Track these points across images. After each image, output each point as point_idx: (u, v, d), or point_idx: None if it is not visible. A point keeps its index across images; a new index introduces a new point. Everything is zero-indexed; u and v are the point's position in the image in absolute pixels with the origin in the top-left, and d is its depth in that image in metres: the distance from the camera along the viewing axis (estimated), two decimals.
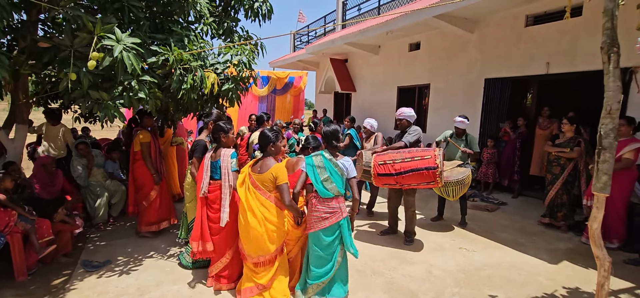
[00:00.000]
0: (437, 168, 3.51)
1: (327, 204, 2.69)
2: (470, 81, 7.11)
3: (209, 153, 3.03)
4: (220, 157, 2.94)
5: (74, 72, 2.45)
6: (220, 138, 3.00)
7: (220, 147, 3.01)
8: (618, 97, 1.45)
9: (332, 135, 2.85)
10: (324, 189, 2.69)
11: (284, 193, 2.56)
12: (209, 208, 3.00)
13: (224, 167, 2.89)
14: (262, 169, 2.63)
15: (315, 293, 2.73)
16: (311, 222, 2.71)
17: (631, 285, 3.25)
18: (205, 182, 2.94)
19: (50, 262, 3.39)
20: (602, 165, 1.46)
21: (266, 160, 2.67)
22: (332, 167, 2.73)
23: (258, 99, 11.65)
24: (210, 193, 2.97)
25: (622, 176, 3.89)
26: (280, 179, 2.57)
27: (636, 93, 4.65)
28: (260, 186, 2.61)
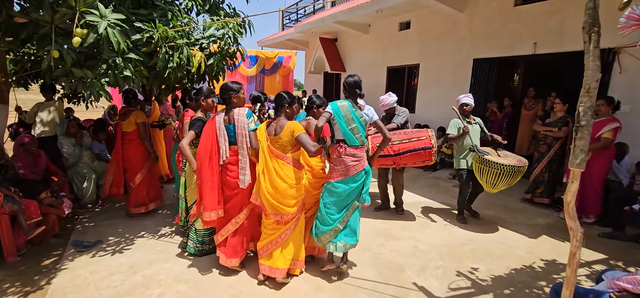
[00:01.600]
0: (433, 147, 3.86)
1: (354, 152, 2.75)
2: (459, 61, 7.16)
3: (221, 117, 2.77)
4: (234, 119, 2.73)
5: (56, 50, 2.37)
6: (231, 98, 2.75)
7: (232, 108, 2.78)
8: (596, 76, 1.50)
9: (355, 85, 2.86)
10: (353, 137, 2.75)
11: (305, 141, 2.55)
12: (226, 173, 2.82)
13: (239, 128, 2.71)
14: (278, 130, 2.64)
15: (331, 239, 2.79)
16: (338, 172, 2.74)
17: (604, 256, 3.45)
18: (224, 148, 2.74)
19: (40, 243, 3.37)
20: (579, 142, 1.52)
21: (280, 120, 2.68)
22: (357, 117, 2.78)
23: (247, 79, 11.50)
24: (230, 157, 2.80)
25: (600, 154, 4.05)
26: (297, 130, 2.58)
27: (618, 73, 4.80)
28: (275, 150, 2.63)
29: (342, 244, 2.78)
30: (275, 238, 2.74)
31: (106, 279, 2.85)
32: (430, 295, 2.74)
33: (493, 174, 3.60)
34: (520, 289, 2.85)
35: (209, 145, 2.75)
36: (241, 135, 2.73)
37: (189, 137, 2.90)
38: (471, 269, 3.14)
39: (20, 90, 4.50)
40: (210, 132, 2.77)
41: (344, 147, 2.76)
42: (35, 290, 2.71)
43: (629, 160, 4.47)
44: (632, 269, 3.15)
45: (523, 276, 3.06)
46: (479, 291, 2.81)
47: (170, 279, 2.88)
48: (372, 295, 2.71)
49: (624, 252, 3.53)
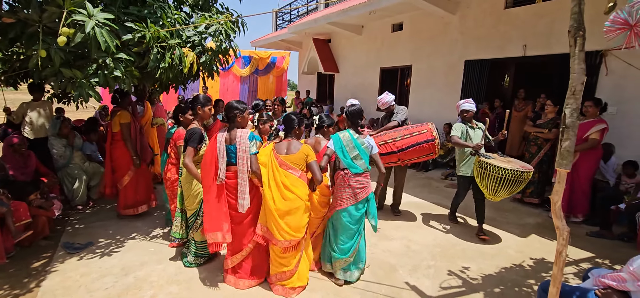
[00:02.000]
0: (435, 139, 3.90)
1: (358, 180, 2.82)
2: (451, 63, 7.24)
3: (222, 136, 2.70)
4: (236, 140, 2.67)
5: (44, 49, 2.34)
6: (235, 118, 2.70)
7: (234, 128, 2.71)
8: (582, 79, 1.54)
9: (357, 114, 2.97)
10: (355, 165, 2.82)
11: (316, 170, 2.61)
12: (229, 195, 2.73)
13: (241, 150, 2.65)
14: (291, 150, 2.67)
15: (341, 268, 2.85)
16: (343, 199, 2.80)
17: (591, 255, 3.52)
18: (222, 169, 2.64)
19: (29, 245, 3.32)
20: (565, 143, 1.56)
21: (292, 141, 2.72)
22: (359, 144, 2.86)
23: (240, 79, 11.46)
24: (228, 180, 2.70)
25: (588, 155, 4.14)
26: (310, 157, 2.64)
27: (605, 75, 4.90)
28: (290, 165, 2.62)
29: (351, 274, 2.87)
30: (290, 270, 2.68)
31: (97, 281, 2.83)
32: (422, 294, 2.77)
33: (494, 179, 3.31)
34: (510, 287, 2.90)
35: (213, 165, 2.67)
36: (242, 158, 2.65)
37: (190, 154, 2.84)
38: (462, 268, 3.18)
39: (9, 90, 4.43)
40: (213, 151, 2.69)
41: (349, 174, 2.83)
42: (25, 293, 2.67)
43: (615, 160, 4.57)
44: (618, 267, 3.22)
45: (513, 274, 3.11)
46: (470, 290, 2.85)
47: (163, 281, 2.86)
48: (365, 295, 2.73)
49: (610, 251, 3.60)
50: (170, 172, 3.32)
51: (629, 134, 4.71)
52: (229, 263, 2.83)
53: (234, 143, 2.67)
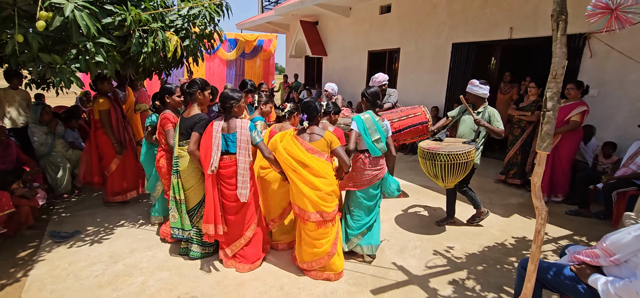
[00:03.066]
0: (428, 121, 4.00)
1: (377, 162, 2.89)
2: (438, 46, 7.26)
3: (219, 124, 2.65)
4: (236, 129, 2.64)
5: (21, 34, 2.24)
6: (232, 108, 2.66)
7: (231, 117, 2.69)
8: (563, 63, 1.58)
9: (376, 96, 2.98)
10: (376, 148, 2.86)
11: (343, 154, 2.64)
12: (223, 185, 2.72)
13: (242, 140, 2.62)
14: (314, 137, 2.65)
15: (358, 242, 2.95)
16: (362, 181, 2.87)
17: (570, 232, 3.69)
18: (216, 158, 2.60)
19: (14, 235, 3.26)
20: (546, 126, 1.61)
21: (314, 128, 2.69)
22: (380, 127, 2.90)
23: (226, 63, 11.23)
24: (223, 169, 2.66)
25: (569, 137, 4.27)
26: (335, 143, 2.65)
27: (588, 58, 5.01)
28: (317, 150, 2.62)
29: (369, 247, 2.97)
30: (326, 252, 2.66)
31: (86, 269, 2.82)
32: (408, 273, 2.87)
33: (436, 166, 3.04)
34: (492, 265, 3.02)
35: (206, 153, 2.64)
36: (243, 148, 2.63)
37: (195, 140, 2.71)
38: (447, 248, 3.29)
39: None
40: (208, 140, 2.65)
41: (369, 157, 2.88)
42: (12, 283, 2.65)
43: (595, 141, 4.74)
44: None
45: (495, 253, 3.23)
46: (454, 268, 2.96)
47: (153, 266, 2.87)
48: (353, 276, 2.80)
49: (587, 228, 3.78)
50: (165, 158, 3.14)
51: (609, 115, 4.87)
52: (229, 252, 2.83)
53: (233, 132, 2.64)
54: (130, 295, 2.51)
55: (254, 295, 2.54)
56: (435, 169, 3.07)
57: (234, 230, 2.81)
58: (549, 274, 2.04)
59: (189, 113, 2.87)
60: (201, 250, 2.99)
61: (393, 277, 2.81)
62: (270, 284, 2.67)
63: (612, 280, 1.77)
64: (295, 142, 2.63)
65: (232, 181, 2.69)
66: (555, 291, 2.12)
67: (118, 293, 2.53)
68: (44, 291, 2.54)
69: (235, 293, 2.55)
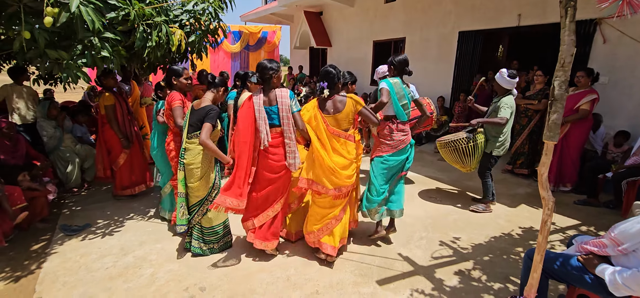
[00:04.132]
0: (433, 113, 4.14)
1: (403, 128, 2.93)
2: (444, 34, 7.15)
3: (260, 98, 2.60)
4: (277, 100, 2.60)
5: (28, 30, 2.26)
6: (271, 78, 2.60)
7: (271, 88, 2.62)
8: (571, 51, 1.55)
9: (405, 62, 2.98)
10: (404, 113, 2.91)
11: (369, 114, 2.65)
12: (267, 156, 2.67)
13: (284, 111, 2.59)
14: (337, 108, 2.62)
15: (380, 209, 3.00)
16: (389, 146, 2.90)
17: (578, 222, 3.66)
18: (266, 131, 2.59)
19: (27, 228, 3.34)
20: (553, 116, 1.59)
21: (336, 97, 2.65)
22: (407, 93, 2.94)
23: (230, 55, 11.23)
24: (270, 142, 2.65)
25: (578, 125, 4.20)
26: (359, 104, 2.64)
27: (600, 44, 4.88)
28: (335, 129, 2.61)
29: (391, 211, 3.03)
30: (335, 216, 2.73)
31: (97, 261, 2.88)
32: (414, 264, 2.88)
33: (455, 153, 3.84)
34: (498, 255, 3.02)
35: (250, 130, 2.59)
36: (286, 118, 2.60)
37: (207, 131, 2.64)
38: (453, 238, 3.29)
39: None
40: (249, 116, 2.59)
41: (396, 123, 2.91)
42: (26, 275, 2.72)
43: (604, 130, 4.65)
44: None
45: (501, 243, 3.22)
46: (460, 258, 2.96)
47: (162, 259, 2.92)
48: (359, 267, 2.82)
49: (596, 218, 3.74)
50: (175, 142, 3.11)
51: (620, 103, 4.77)
52: (256, 222, 2.82)
53: (274, 104, 2.61)
54: (140, 287, 2.57)
55: (261, 286, 2.58)
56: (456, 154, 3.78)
57: (266, 200, 2.79)
58: (555, 264, 2.03)
59: (200, 104, 2.79)
60: (205, 247, 2.94)
61: (399, 268, 2.82)
62: (277, 275, 2.71)
63: (620, 269, 1.75)
64: (319, 118, 2.61)
65: (277, 150, 2.67)
66: (561, 281, 2.11)
67: (128, 285, 2.59)
68: (57, 283, 2.61)
69: (242, 284, 2.59)
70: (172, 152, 3.14)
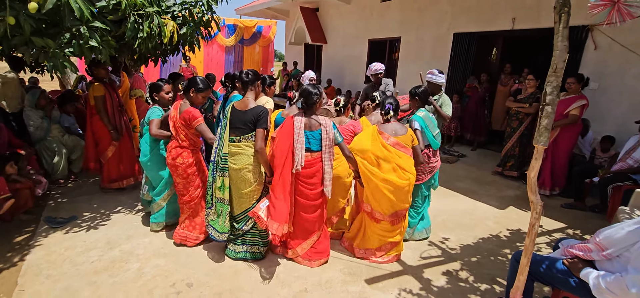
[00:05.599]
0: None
1: (436, 154, 3.13)
2: (439, 35, 7.17)
3: (301, 121, 2.54)
4: (320, 127, 2.56)
5: (12, 16, 2.19)
6: (315, 104, 2.57)
7: (312, 113, 2.60)
8: (564, 57, 1.55)
9: (427, 94, 3.22)
10: (436, 142, 3.08)
11: (420, 152, 2.81)
12: (302, 184, 2.61)
13: (327, 139, 2.56)
14: (399, 131, 2.71)
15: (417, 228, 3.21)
16: (426, 174, 3.08)
17: (564, 225, 3.72)
18: (301, 156, 2.50)
19: (10, 220, 3.26)
20: (544, 121, 1.59)
21: (395, 123, 2.74)
22: (434, 121, 3.15)
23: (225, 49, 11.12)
24: (305, 168, 2.55)
25: (568, 130, 4.26)
26: (415, 140, 2.77)
27: (591, 51, 4.95)
28: (403, 145, 2.68)
29: (425, 230, 3.24)
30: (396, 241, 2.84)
31: (82, 255, 2.83)
32: (402, 263, 2.89)
33: None
34: (485, 256, 3.05)
35: (290, 152, 2.51)
36: (329, 147, 2.58)
37: (262, 136, 2.53)
38: (442, 239, 3.31)
39: None
40: (289, 137, 2.53)
41: (430, 150, 3.08)
42: (9, 267, 2.66)
43: (592, 135, 4.73)
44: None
45: (489, 244, 3.26)
46: (448, 259, 2.99)
47: (149, 253, 2.88)
48: (348, 265, 2.82)
49: (582, 221, 3.81)
50: (183, 157, 2.80)
51: (609, 109, 4.85)
52: (299, 250, 2.78)
53: (316, 129, 2.57)
54: (126, 281, 2.53)
55: (250, 283, 2.56)
56: None
57: (307, 228, 2.74)
58: (541, 267, 2.06)
59: (246, 105, 2.62)
60: (255, 249, 2.82)
61: (387, 267, 2.83)
62: (266, 273, 2.69)
63: (604, 274, 1.78)
64: (379, 137, 2.67)
65: (313, 180, 2.61)
66: (547, 284, 2.14)
67: (114, 279, 2.55)
68: (40, 276, 2.55)
69: (230, 281, 2.57)
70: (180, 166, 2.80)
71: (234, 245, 2.83)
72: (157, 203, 3.19)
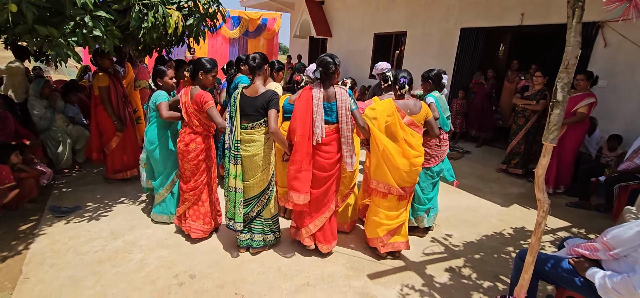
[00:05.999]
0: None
1: (446, 139, 3.10)
2: (446, 30, 7.07)
3: (320, 93, 2.52)
4: (336, 97, 2.52)
5: (14, 3, 2.18)
6: (334, 74, 2.55)
7: (331, 85, 2.56)
8: (576, 53, 1.51)
9: (441, 76, 3.18)
10: (447, 123, 3.08)
11: (435, 125, 2.75)
12: (319, 154, 2.58)
13: (343, 108, 2.51)
14: (414, 109, 2.66)
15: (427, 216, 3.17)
16: (437, 158, 3.05)
17: (568, 224, 3.68)
18: (321, 127, 2.50)
19: (15, 208, 3.29)
20: (554, 118, 1.56)
21: (410, 99, 2.70)
22: (446, 104, 3.17)
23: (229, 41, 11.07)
24: (324, 140, 2.55)
25: (574, 128, 4.20)
26: (430, 114, 2.73)
27: (601, 48, 4.86)
28: (417, 124, 2.66)
29: (433, 217, 3.23)
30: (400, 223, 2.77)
31: (86, 244, 2.84)
32: (405, 259, 2.88)
33: None
34: (489, 254, 3.03)
35: (308, 124, 2.51)
36: (345, 116, 2.53)
37: (275, 118, 2.50)
38: (445, 235, 3.29)
39: None
40: (308, 110, 2.51)
41: (443, 134, 3.03)
42: (13, 255, 2.68)
43: (599, 133, 4.66)
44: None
45: (493, 242, 3.24)
46: (451, 256, 2.97)
47: (152, 244, 2.89)
48: (351, 260, 2.82)
49: (586, 220, 3.77)
50: (196, 143, 2.77)
51: (618, 107, 4.77)
52: (312, 227, 2.74)
53: (333, 100, 2.54)
54: (129, 272, 2.54)
55: (252, 275, 2.56)
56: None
57: (321, 201, 2.70)
58: (546, 266, 2.03)
59: (256, 91, 2.54)
60: (265, 238, 2.83)
61: (390, 263, 2.82)
62: (268, 265, 2.69)
63: (610, 274, 1.76)
64: (396, 112, 2.59)
65: (329, 149, 2.59)
66: (551, 283, 2.12)
67: (117, 269, 2.56)
68: (44, 264, 2.57)
69: (233, 273, 2.58)
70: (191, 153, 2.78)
71: (241, 233, 2.80)
72: (159, 194, 3.15)
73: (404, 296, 2.45)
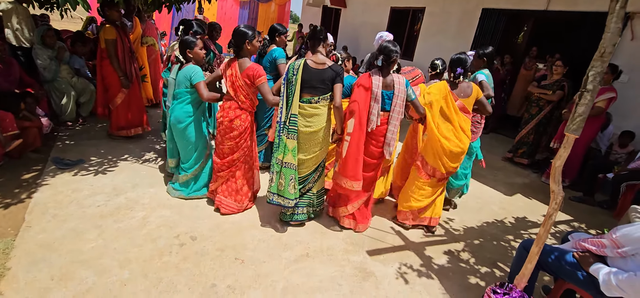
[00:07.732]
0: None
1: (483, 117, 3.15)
2: (467, 9, 6.79)
3: (379, 80, 2.47)
4: (394, 86, 2.49)
5: None
6: (395, 62, 2.50)
7: (389, 72, 2.52)
8: (614, 40, 1.41)
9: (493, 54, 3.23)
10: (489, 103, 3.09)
11: (487, 103, 2.78)
12: (371, 142, 2.60)
13: (399, 98, 2.49)
14: (467, 91, 2.70)
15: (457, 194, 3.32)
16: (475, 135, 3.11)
17: (570, 218, 3.66)
18: (377, 114, 2.48)
19: (18, 157, 3.29)
20: (580, 108, 1.48)
21: (463, 84, 2.72)
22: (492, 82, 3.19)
23: (240, 4, 10.72)
24: (379, 127, 2.55)
25: (589, 122, 4.07)
26: (480, 93, 2.74)
27: (629, 40, 4.63)
28: (467, 109, 2.70)
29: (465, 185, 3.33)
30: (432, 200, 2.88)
31: (89, 198, 2.85)
32: (405, 239, 2.88)
33: None
34: (489, 240, 3.02)
35: (366, 111, 2.49)
36: (399, 106, 2.51)
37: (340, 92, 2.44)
38: (447, 219, 3.28)
39: None
40: (367, 97, 2.48)
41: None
42: (16, 203, 2.69)
43: (612, 129, 4.54)
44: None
45: (493, 229, 3.23)
46: (451, 239, 2.97)
47: (155, 203, 2.90)
48: (350, 235, 2.82)
49: (588, 215, 3.74)
50: (241, 119, 2.62)
51: (636, 104, 4.61)
52: (350, 208, 2.79)
53: (390, 89, 2.51)
54: (131, 228, 2.55)
55: (253, 242, 2.58)
56: None
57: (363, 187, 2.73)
58: (549, 257, 2.01)
59: (323, 63, 2.44)
60: (310, 211, 2.84)
61: (390, 241, 2.82)
62: (270, 234, 2.70)
63: (616, 271, 1.73)
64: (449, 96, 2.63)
65: (380, 138, 2.60)
66: (553, 274, 2.11)
67: (119, 225, 2.57)
68: (46, 214, 2.59)
69: (234, 238, 2.59)
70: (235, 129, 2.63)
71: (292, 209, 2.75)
72: (186, 175, 2.95)
73: (402, 274, 2.46)
